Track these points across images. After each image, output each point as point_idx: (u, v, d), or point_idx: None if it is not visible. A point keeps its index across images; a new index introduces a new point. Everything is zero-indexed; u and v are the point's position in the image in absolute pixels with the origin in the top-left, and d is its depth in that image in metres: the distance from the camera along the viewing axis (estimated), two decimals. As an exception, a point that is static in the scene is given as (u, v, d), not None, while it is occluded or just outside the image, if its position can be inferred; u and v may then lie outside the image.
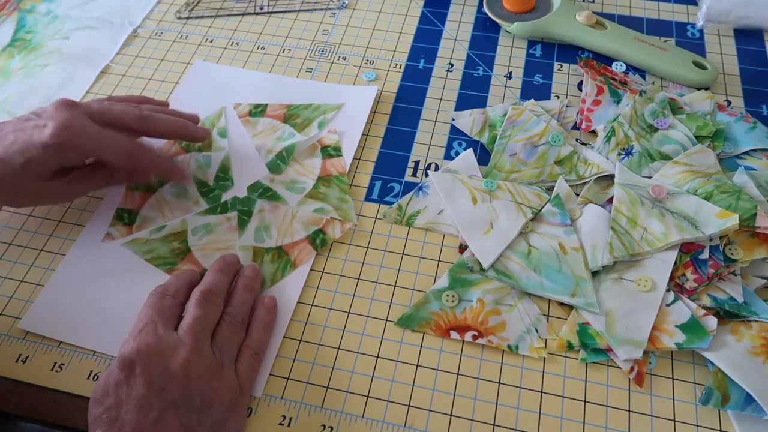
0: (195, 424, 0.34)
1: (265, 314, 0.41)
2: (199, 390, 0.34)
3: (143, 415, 0.32)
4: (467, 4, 0.62)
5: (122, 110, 0.43)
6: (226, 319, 0.39)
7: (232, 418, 0.36)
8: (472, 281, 0.42)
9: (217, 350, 0.37)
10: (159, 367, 0.34)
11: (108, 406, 0.33)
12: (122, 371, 0.34)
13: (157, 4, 0.65)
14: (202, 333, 0.36)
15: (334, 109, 0.52)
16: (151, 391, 0.33)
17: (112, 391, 0.33)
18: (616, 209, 0.43)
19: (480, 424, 0.37)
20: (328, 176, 0.49)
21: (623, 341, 0.38)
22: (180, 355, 0.34)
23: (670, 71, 0.53)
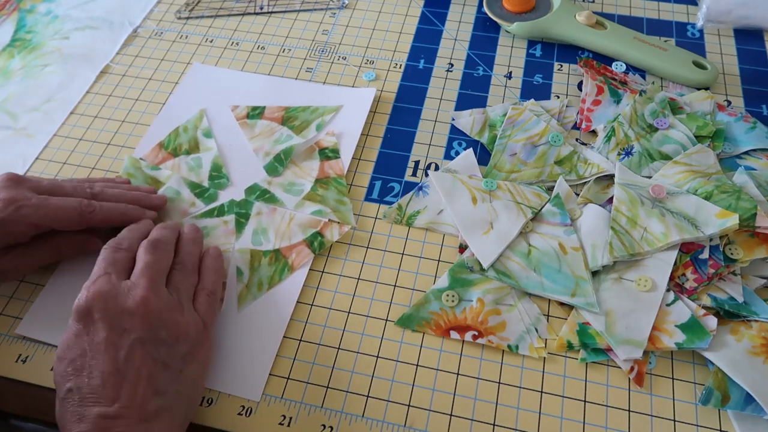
0: (165, 356, 0.34)
1: (213, 261, 0.42)
2: (163, 323, 0.35)
3: (111, 357, 0.32)
4: (467, 4, 0.62)
5: (73, 188, 0.42)
6: (176, 267, 0.39)
7: (200, 352, 0.36)
8: (472, 281, 0.42)
9: (173, 291, 0.37)
10: (116, 309, 0.34)
11: (72, 358, 0.33)
12: (80, 322, 0.34)
13: (157, 4, 0.65)
14: (155, 275, 0.37)
15: (333, 111, 0.52)
16: (113, 332, 0.33)
17: (73, 344, 0.33)
18: (616, 209, 0.43)
19: (480, 423, 0.37)
20: (326, 178, 0.48)
21: (623, 341, 0.38)
22: (136, 294, 0.35)
23: (670, 71, 0.53)
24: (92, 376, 0.32)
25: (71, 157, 0.52)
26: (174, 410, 0.34)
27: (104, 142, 0.52)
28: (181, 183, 0.48)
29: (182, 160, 0.50)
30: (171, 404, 0.33)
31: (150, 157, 0.50)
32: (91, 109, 0.55)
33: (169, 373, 0.34)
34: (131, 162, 0.50)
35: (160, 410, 0.33)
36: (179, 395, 0.34)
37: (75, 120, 0.54)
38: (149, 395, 0.33)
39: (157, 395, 0.33)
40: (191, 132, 0.52)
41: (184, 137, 0.52)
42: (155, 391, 0.33)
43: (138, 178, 0.49)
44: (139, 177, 0.49)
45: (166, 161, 0.50)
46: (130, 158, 0.50)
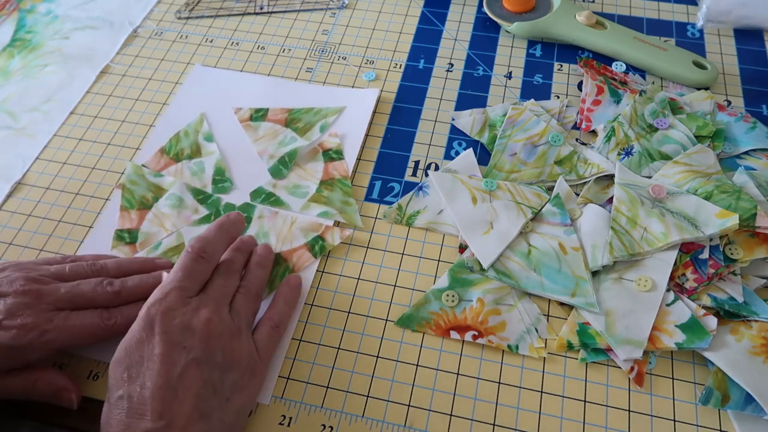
0: (216, 381, 0.34)
1: (288, 291, 0.41)
2: (221, 347, 0.35)
3: (166, 371, 0.32)
4: (467, 4, 0.62)
5: (93, 290, 0.38)
6: (241, 291, 0.39)
7: (251, 383, 0.36)
8: (472, 281, 0.42)
9: (235, 317, 0.37)
10: (181, 325, 0.34)
11: (129, 365, 0.33)
12: (144, 331, 0.34)
13: (157, 4, 0.65)
14: (221, 299, 0.37)
15: (336, 112, 0.52)
16: (173, 348, 0.33)
17: (134, 350, 0.33)
18: (616, 209, 0.43)
19: (480, 423, 0.37)
20: (331, 180, 0.48)
21: (623, 341, 0.38)
22: (202, 315, 0.35)
23: (670, 71, 0.53)
24: (144, 387, 0.32)
25: (71, 157, 0.52)
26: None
27: (104, 142, 0.52)
28: (184, 190, 0.48)
29: (185, 165, 0.50)
30: (213, 430, 0.33)
31: (152, 164, 0.50)
32: (91, 109, 0.55)
33: (217, 399, 0.34)
34: (134, 169, 0.49)
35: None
36: (222, 423, 0.34)
37: (75, 120, 0.54)
38: (195, 417, 0.32)
39: (202, 418, 0.33)
40: (192, 136, 0.52)
41: (186, 142, 0.51)
42: (201, 414, 0.33)
43: (141, 185, 0.48)
44: (142, 184, 0.49)
45: (169, 167, 0.50)
46: (132, 165, 0.50)
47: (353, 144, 0.51)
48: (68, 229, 0.47)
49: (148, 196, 0.48)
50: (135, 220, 0.47)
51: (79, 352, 0.40)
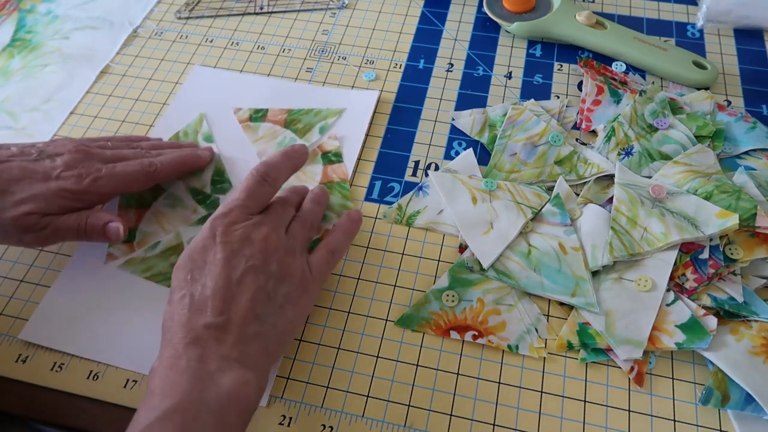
0: (270, 289, 0.36)
1: (348, 223, 0.43)
2: (276, 260, 0.37)
3: (226, 275, 0.35)
4: (467, 4, 0.62)
5: (133, 154, 0.45)
6: (297, 218, 0.42)
7: (302, 298, 0.38)
8: (472, 281, 0.42)
9: (291, 238, 0.40)
10: (241, 236, 0.37)
11: (191, 269, 0.36)
12: (208, 239, 0.37)
13: (157, 4, 0.65)
14: (279, 222, 0.40)
15: (336, 113, 0.52)
16: (233, 254, 0.36)
17: (197, 256, 0.36)
18: (616, 209, 0.43)
19: (480, 423, 0.37)
20: (329, 182, 0.48)
21: (623, 341, 0.38)
22: (261, 230, 0.38)
23: (670, 71, 0.53)
24: (206, 287, 0.35)
25: (71, 157, 0.51)
26: (268, 339, 0.35)
27: (104, 142, 0.52)
28: (182, 189, 0.48)
29: None
30: (267, 332, 0.35)
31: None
32: (91, 109, 0.55)
33: (271, 305, 0.36)
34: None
35: (257, 335, 0.35)
36: (275, 327, 0.36)
37: (75, 120, 0.54)
38: (251, 318, 0.35)
39: (257, 320, 0.35)
40: (192, 137, 0.52)
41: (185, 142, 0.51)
42: (256, 316, 0.35)
43: None
44: None
45: None
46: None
47: (353, 145, 0.51)
48: (68, 229, 0.47)
49: (146, 195, 0.48)
50: (133, 219, 0.47)
51: (81, 353, 0.40)
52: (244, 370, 0.33)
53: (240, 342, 0.34)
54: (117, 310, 0.42)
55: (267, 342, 0.35)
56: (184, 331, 0.33)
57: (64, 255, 0.45)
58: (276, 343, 0.36)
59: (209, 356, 0.33)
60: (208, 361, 0.33)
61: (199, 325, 0.34)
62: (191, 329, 0.33)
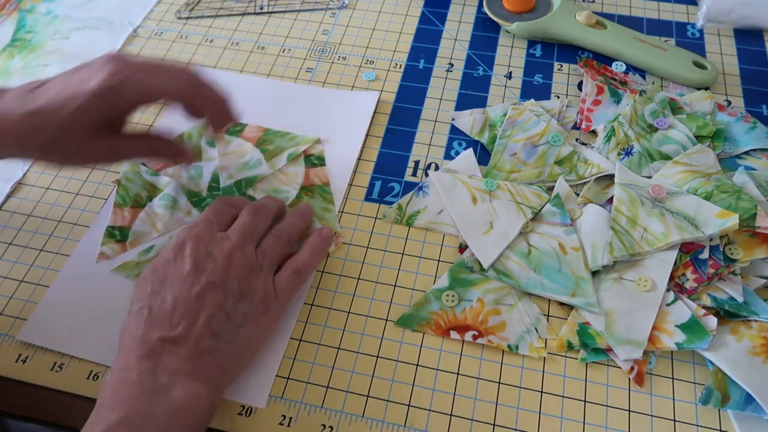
0: (229, 307, 0.36)
1: (318, 241, 0.43)
2: (238, 278, 0.37)
3: (186, 289, 0.36)
4: (467, 4, 0.62)
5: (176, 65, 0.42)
6: (273, 232, 0.42)
7: (263, 317, 0.38)
8: (472, 281, 0.42)
9: (260, 255, 0.39)
10: (205, 251, 0.37)
11: (153, 281, 0.36)
12: (173, 251, 0.37)
13: (157, 4, 0.65)
14: (247, 236, 0.40)
15: (310, 141, 0.51)
16: (195, 269, 0.36)
17: (160, 269, 0.37)
18: (616, 209, 0.43)
19: (480, 423, 0.37)
20: (311, 186, 0.48)
21: (623, 341, 0.38)
22: (225, 246, 0.38)
23: (670, 71, 0.53)
24: (165, 300, 0.35)
25: (71, 157, 0.52)
26: (223, 356, 0.35)
27: (104, 142, 0.52)
28: (178, 191, 0.48)
29: (183, 168, 0.50)
30: (222, 349, 0.35)
31: (152, 163, 0.50)
32: (91, 109, 0.55)
33: (229, 323, 0.36)
34: (131, 167, 0.49)
35: (212, 350, 0.35)
36: (232, 345, 0.36)
37: (75, 120, 0.54)
38: (207, 334, 0.35)
39: (213, 336, 0.35)
40: (195, 139, 0.52)
41: (188, 145, 0.51)
42: (212, 333, 0.35)
43: (136, 183, 0.48)
44: (137, 182, 0.48)
45: (167, 168, 0.50)
46: (129, 163, 0.50)
47: (353, 146, 0.51)
48: (68, 229, 0.47)
49: (142, 195, 0.48)
50: (127, 218, 0.47)
51: (80, 354, 0.40)
52: (195, 383, 0.33)
53: (194, 356, 0.34)
54: (114, 311, 0.42)
55: (222, 358, 0.35)
56: (138, 344, 0.33)
57: (63, 255, 0.45)
58: (232, 361, 0.36)
59: (161, 369, 0.33)
60: (159, 374, 0.33)
61: (154, 338, 0.34)
62: (146, 342, 0.34)
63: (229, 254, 0.38)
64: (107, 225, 0.46)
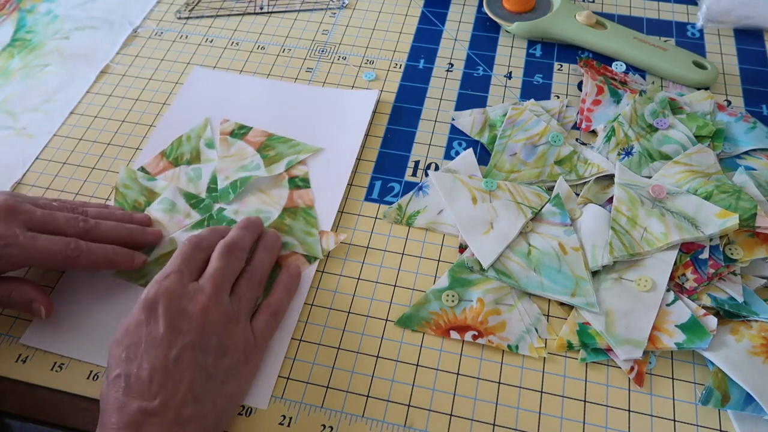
0: (210, 366, 0.35)
1: (288, 279, 0.42)
2: (216, 333, 0.36)
3: (162, 353, 0.34)
4: (467, 4, 0.62)
5: (66, 220, 0.40)
6: (244, 275, 0.40)
7: (245, 369, 0.37)
8: (472, 281, 0.42)
9: (235, 302, 0.38)
10: (179, 310, 0.35)
11: (127, 345, 0.34)
12: (143, 312, 0.35)
13: (157, 4, 0.65)
14: (222, 283, 0.38)
15: (311, 150, 0.50)
16: (171, 331, 0.34)
17: (132, 331, 0.35)
18: (616, 209, 0.43)
19: (480, 423, 0.37)
20: (294, 208, 0.47)
21: (623, 341, 0.38)
22: (200, 300, 0.36)
23: (670, 71, 0.53)
24: (141, 368, 0.33)
25: (71, 157, 0.52)
26: (206, 419, 0.34)
27: (104, 142, 0.52)
28: (176, 193, 0.48)
29: (182, 170, 0.49)
30: (206, 412, 0.34)
31: (151, 166, 0.50)
32: (91, 109, 0.55)
33: (211, 383, 0.35)
34: (127, 173, 0.49)
35: (194, 416, 0.33)
36: (214, 405, 0.35)
37: (75, 120, 0.54)
38: (188, 400, 0.33)
39: (195, 401, 0.34)
40: (194, 141, 0.51)
41: (187, 147, 0.51)
42: (194, 397, 0.34)
43: (134, 189, 0.48)
44: (135, 188, 0.48)
45: (167, 171, 0.50)
46: (126, 169, 0.49)
47: (353, 146, 0.51)
48: (68, 229, 0.47)
49: (140, 200, 0.48)
50: None
51: (80, 356, 0.40)
52: None
53: (176, 425, 0.33)
54: (116, 315, 0.42)
55: (205, 422, 0.34)
56: (117, 416, 0.32)
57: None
58: (214, 422, 0.35)
59: None
60: None
61: (134, 409, 0.32)
62: (125, 413, 0.32)
63: (205, 309, 0.36)
64: None
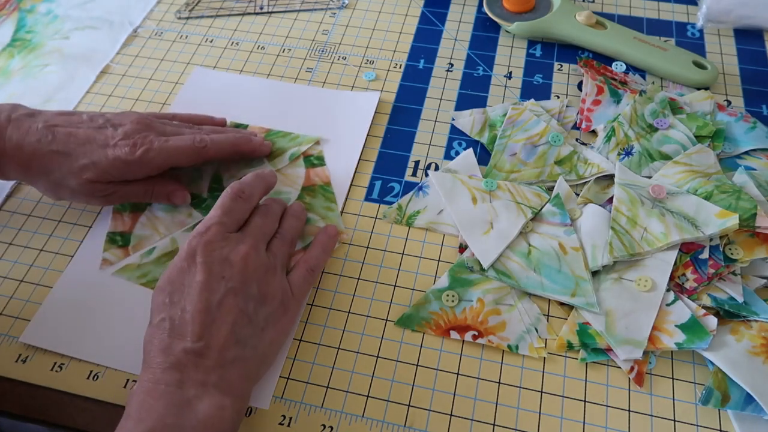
0: (251, 311, 0.36)
1: (326, 239, 0.44)
2: (256, 280, 0.37)
3: (205, 298, 0.35)
4: (467, 4, 0.62)
5: (192, 134, 0.45)
6: (277, 235, 0.42)
7: (284, 318, 0.38)
8: (472, 281, 0.42)
9: (272, 256, 0.40)
10: (220, 257, 0.37)
11: (171, 291, 0.36)
12: (186, 260, 0.36)
13: (157, 4, 0.65)
14: (260, 237, 0.40)
15: (311, 141, 0.51)
16: (212, 277, 0.36)
17: (176, 278, 0.36)
18: (616, 209, 0.43)
19: (480, 423, 0.37)
20: (312, 186, 0.48)
21: (623, 341, 0.38)
22: (240, 250, 0.38)
23: (670, 71, 0.53)
24: (185, 311, 0.35)
25: (71, 157, 0.51)
26: (248, 363, 0.35)
27: (104, 142, 0.52)
28: None
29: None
30: (247, 356, 0.35)
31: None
32: (91, 109, 0.55)
33: (252, 328, 0.36)
34: None
35: (236, 359, 0.35)
36: (255, 351, 0.36)
37: (75, 120, 0.54)
38: (230, 342, 0.35)
39: (237, 344, 0.35)
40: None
41: None
42: (236, 340, 0.35)
43: None
44: None
45: None
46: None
47: (354, 147, 0.51)
48: (68, 229, 0.47)
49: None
50: (128, 223, 0.46)
51: (83, 357, 0.40)
52: (221, 396, 0.33)
53: (219, 367, 0.34)
54: (117, 313, 0.42)
55: (247, 366, 0.35)
56: (163, 356, 0.33)
57: (63, 255, 0.45)
58: (256, 367, 0.36)
59: (187, 382, 0.33)
60: (185, 386, 0.33)
61: (178, 350, 0.33)
62: (170, 354, 0.33)
63: (245, 257, 0.37)
64: (108, 231, 0.46)
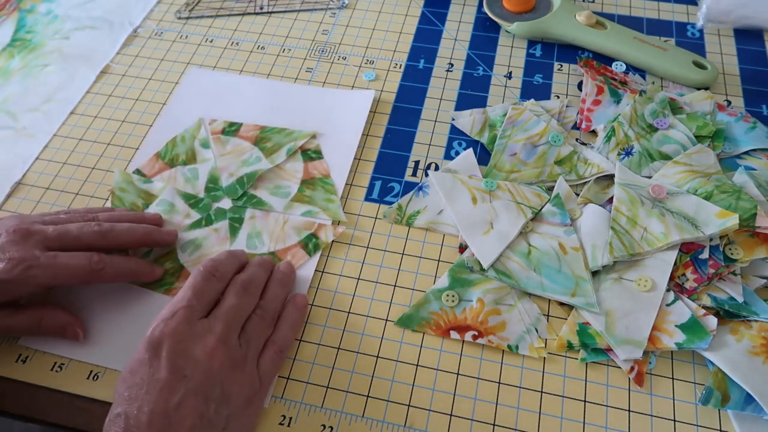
0: (212, 414, 0.34)
1: (295, 313, 0.41)
2: (220, 381, 0.34)
3: (164, 399, 0.32)
4: (467, 4, 0.62)
5: (80, 229, 0.40)
6: (257, 312, 0.39)
7: (247, 413, 0.36)
8: (472, 281, 0.42)
9: (244, 342, 0.37)
10: (185, 353, 0.34)
11: (130, 385, 0.33)
12: (147, 352, 0.34)
13: (157, 4, 0.65)
14: (233, 322, 0.37)
15: (307, 136, 0.51)
16: (174, 376, 0.33)
17: (136, 370, 0.33)
18: (616, 209, 0.43)
19: (480, 423, 0.37)
20: (311, 179, 0.48)
21: (623, 341, 0.38)
22: (208, 342, 0.35)
23: (670, 71, 0.53)
24: (142, 411, 0.32)
25: (71, 157, 0.52)
26: None
27: (104, 142, 0.52)
28: (174, 194, 0.48)
29: (179, 171, 0.49)
30: None
31: (147, 168, 0.50)
32: (91, 109, 0.55)
33: (210, 430, 0.33)
34: (123, 177, 0.49)
35: None
36: None
37: (75, 120, 0.54)
38: None
39: None
40: (189, 142, 0.51)
41: (182, 147, 0.51)
42: None
43: (130, 192, 0.48)
44: (131, 191, 0.48)
45: (163, 172, 0.50)
46: (121, 173, 0.49)
47: (350, 145, 0.51)
48: (68, 229, 0.47)
49: (138, 203, 0.48)
50: None
51: (79, 356, 0.40)
52: None
53: None
54: (115, 315, 0.42)
55: None
56: None
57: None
58: None
59: None
60: None
61: None
62: None
63: (212, 353, 0.34)
64: None
